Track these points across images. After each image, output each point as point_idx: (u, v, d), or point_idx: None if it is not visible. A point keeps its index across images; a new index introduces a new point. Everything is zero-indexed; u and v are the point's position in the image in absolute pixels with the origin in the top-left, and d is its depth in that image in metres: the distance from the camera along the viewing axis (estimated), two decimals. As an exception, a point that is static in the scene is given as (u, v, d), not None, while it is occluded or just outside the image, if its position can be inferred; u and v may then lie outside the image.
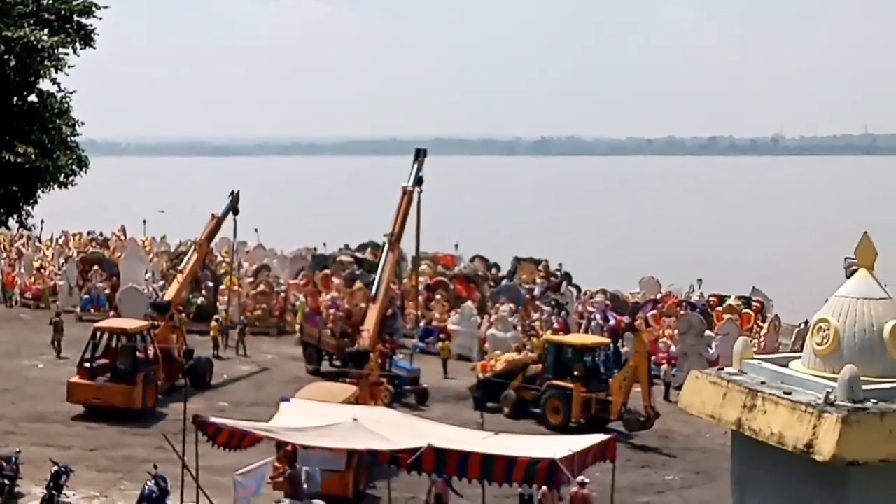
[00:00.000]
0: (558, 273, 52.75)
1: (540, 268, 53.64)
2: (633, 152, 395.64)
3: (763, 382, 12.11)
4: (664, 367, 37.49)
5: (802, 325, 34.94)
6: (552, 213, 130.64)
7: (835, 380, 11.17)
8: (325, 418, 20.33)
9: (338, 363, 37.94)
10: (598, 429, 27.05)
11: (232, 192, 41.02)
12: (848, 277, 12.60)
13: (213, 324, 42.39)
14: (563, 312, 44.18)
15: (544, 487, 20.60)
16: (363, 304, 37.89)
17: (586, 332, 41.88)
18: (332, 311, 41.68)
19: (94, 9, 24.35)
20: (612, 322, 42.84)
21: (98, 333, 33.12)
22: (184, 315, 41.16)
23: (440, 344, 41.54)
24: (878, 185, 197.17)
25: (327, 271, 50.24)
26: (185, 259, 41.34)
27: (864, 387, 11.04)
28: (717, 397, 12.41)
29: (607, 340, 35.72)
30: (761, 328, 41.20)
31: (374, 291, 33.67)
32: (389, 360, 35.59)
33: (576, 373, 32.04)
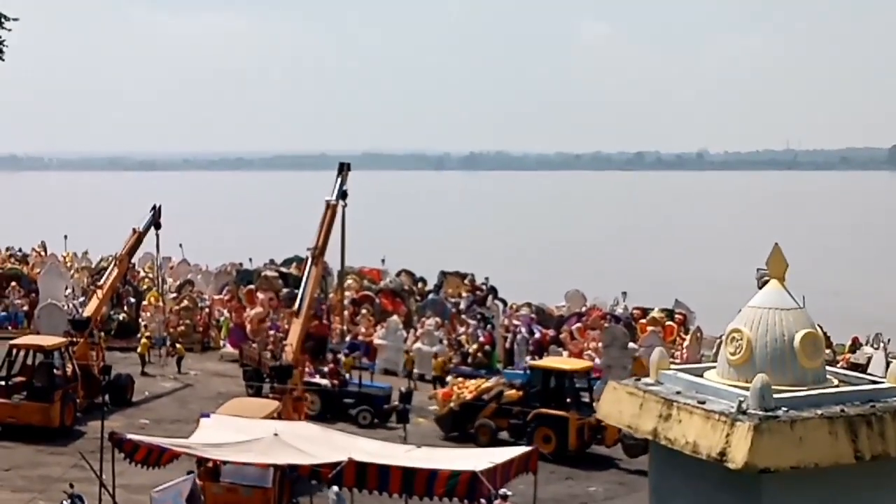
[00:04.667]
0: (484, 287, 52.83)
1: (466, 281, 53.73)
2: (560, 167, 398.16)
3: (678, 392, 12.18)
4: None
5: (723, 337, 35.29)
6: (478, 228, 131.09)
7: (748, 389, 11.27)
8: (245, 433, 20.15)
9: None
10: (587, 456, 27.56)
11: (154, 207, 40.44)
12: (760, 288, 12.79)
13: (144, 340, 41.82)
14: (489, 326, 44.28)
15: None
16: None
17: (512, 345, 41.96)
18: (271, 332, 41.27)
19: (2, 20, 23.80)
20: (537, 335, 43.06)
21: (14, 351, 32.47)
22: (103, 332, 40.46)
23: (343, 358, 41.05)
24: (798, 198, 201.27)
25: (252, 286, 49.79)
26: (105, 275, 40.68)
27: (776, 395, 11.16)
28: (634, 407, 12.46)
29: (589, 364, 34.77)
30: (684, 340, 41.73)
31: (296, 306, 33.44)
32: (358, 381, 35.42)
33: (568, 399, 30.80)
